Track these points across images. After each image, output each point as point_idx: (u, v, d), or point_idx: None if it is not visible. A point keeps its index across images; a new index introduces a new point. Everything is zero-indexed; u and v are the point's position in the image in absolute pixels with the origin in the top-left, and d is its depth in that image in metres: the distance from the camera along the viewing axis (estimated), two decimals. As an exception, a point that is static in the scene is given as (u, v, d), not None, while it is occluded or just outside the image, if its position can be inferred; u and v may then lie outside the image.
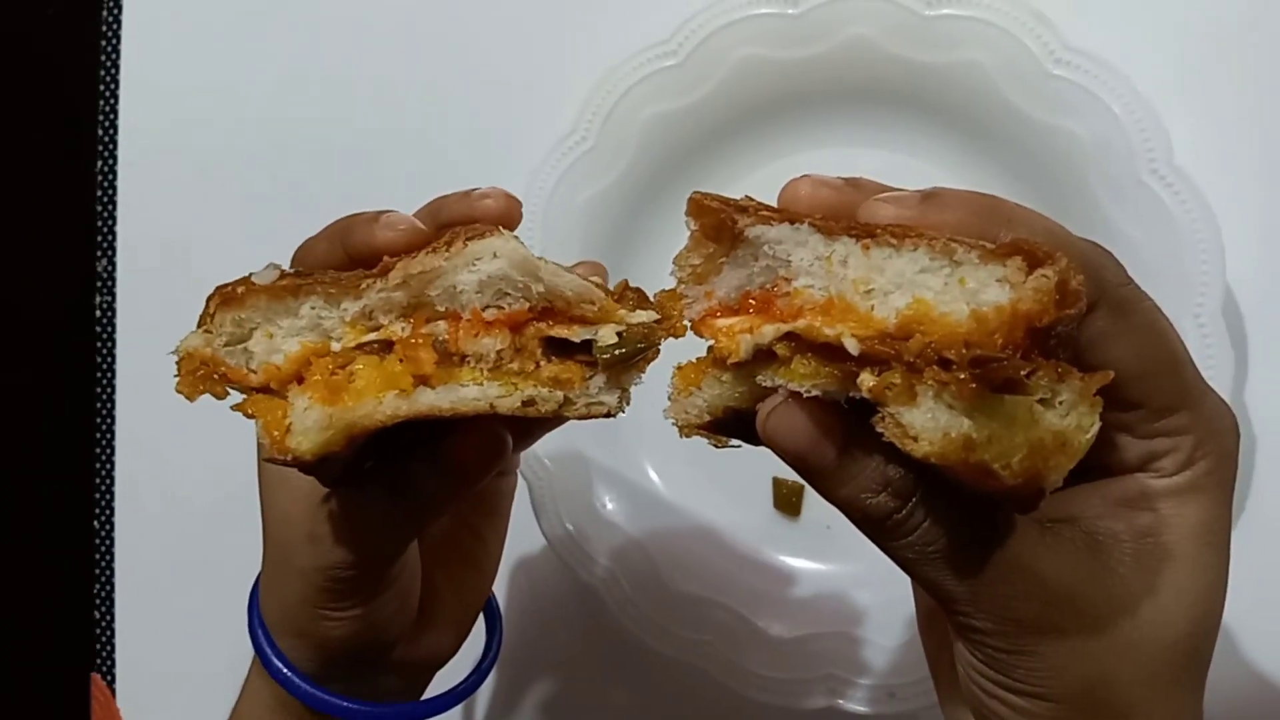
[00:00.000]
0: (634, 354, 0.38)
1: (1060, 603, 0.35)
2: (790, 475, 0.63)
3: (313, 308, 0.39)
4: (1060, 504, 0.37)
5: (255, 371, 0.38)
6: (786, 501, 0.62)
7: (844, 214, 0.36)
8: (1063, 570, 0.35)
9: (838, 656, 0.59)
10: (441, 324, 0.38)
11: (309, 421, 0.37)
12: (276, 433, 0.37)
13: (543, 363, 0.39)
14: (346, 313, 0.38)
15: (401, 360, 0.38)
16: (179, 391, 0.39)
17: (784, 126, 0.62)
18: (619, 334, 0.38)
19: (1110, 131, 0.55)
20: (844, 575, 0.61)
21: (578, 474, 0.61)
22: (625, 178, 0.61)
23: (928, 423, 0.31)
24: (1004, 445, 0.31)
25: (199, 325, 0.39)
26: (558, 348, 0.39)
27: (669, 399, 0.39)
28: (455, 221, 0.43)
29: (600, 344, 0.38)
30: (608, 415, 0.39)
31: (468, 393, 0.38)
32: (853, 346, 0.33)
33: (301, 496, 0.45)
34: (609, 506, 0.62)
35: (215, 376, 0.39)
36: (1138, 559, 0.35)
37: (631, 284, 0.40)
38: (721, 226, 0.37)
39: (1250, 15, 0.60)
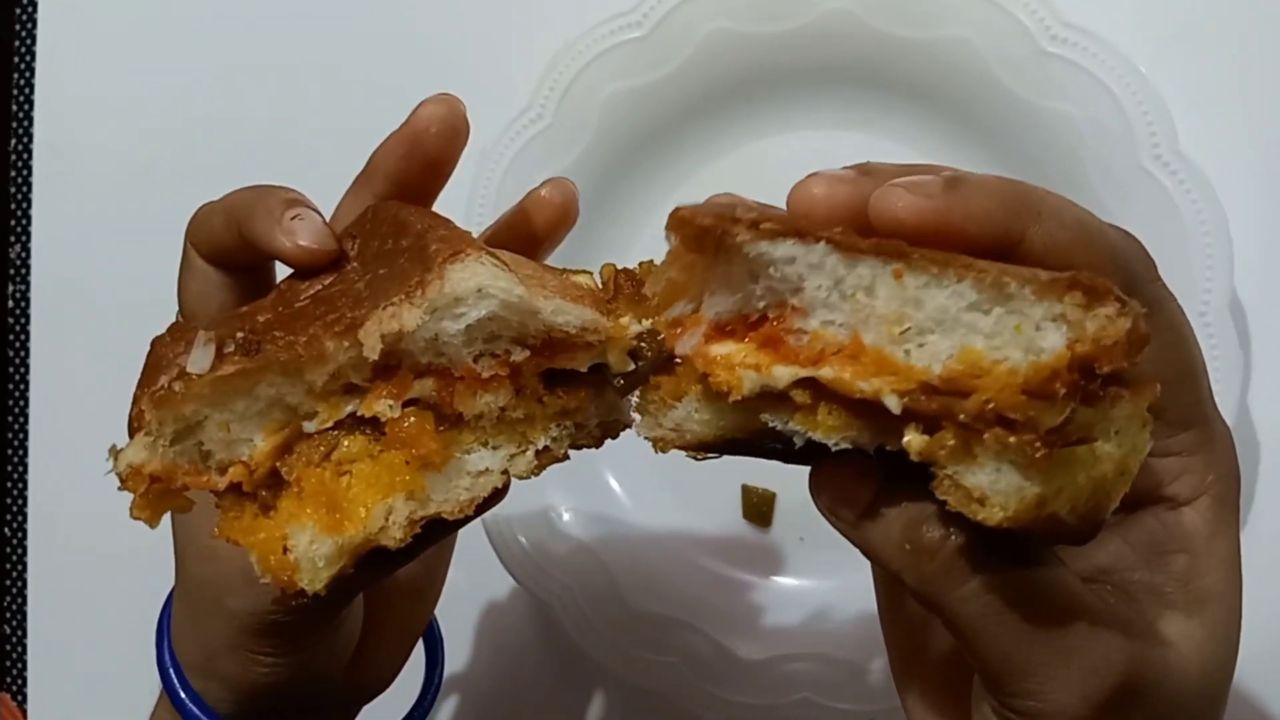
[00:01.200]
0: (651, 369, 0.34)
1: (1124, 686, 0.32)
2: (760, 483, 0.62)
3: (270, 385, 0.32)
4: (1085, 557, 0.34)
5: (220, 473, 0.33)
6: (756, 511, 0.60)
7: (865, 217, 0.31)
8: (1124, 649, 0.32)
9: (812, 679, 0.56)
10: (428, 382, 0.33)
11: (318, 556, 0.32)
12: (283, 572, 0.32)
13: (546, 398, 0.34)
14: (314, 383, 0.32)
15: (397, 445, 0.32)
16: (137, 517, 0.32)
17: (757, 107, 0.59)
18: (634, 356, 0.34)
19: (1109, 115, 0.52)
20: (819, 591, 0.59)
21: (532, 483, 0.58)
22: (585, 159, 0.57)
23: (996, 485, 0.28)
24: (1072, 492, 0.29)
25: (131, 428, 0.33)
26: (556, 375, 0.35)
27: (638, 412, 0.35)
28: (400, 174, 0.41)
29: (618, 370, 0.34)
30: (622, 430, 0.36)
31: (478, 464, 0.33)
32: (894, 405, 0.29)
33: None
34: (565, 518, 0.60)
35: (173, 489, 0.33)
36: (1184, 615, 0.34)
37: (594, 271, 0.36)
38: (706, 236, 0.32)
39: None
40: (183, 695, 0.43)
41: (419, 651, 0.50)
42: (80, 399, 0.71)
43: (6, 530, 0.72)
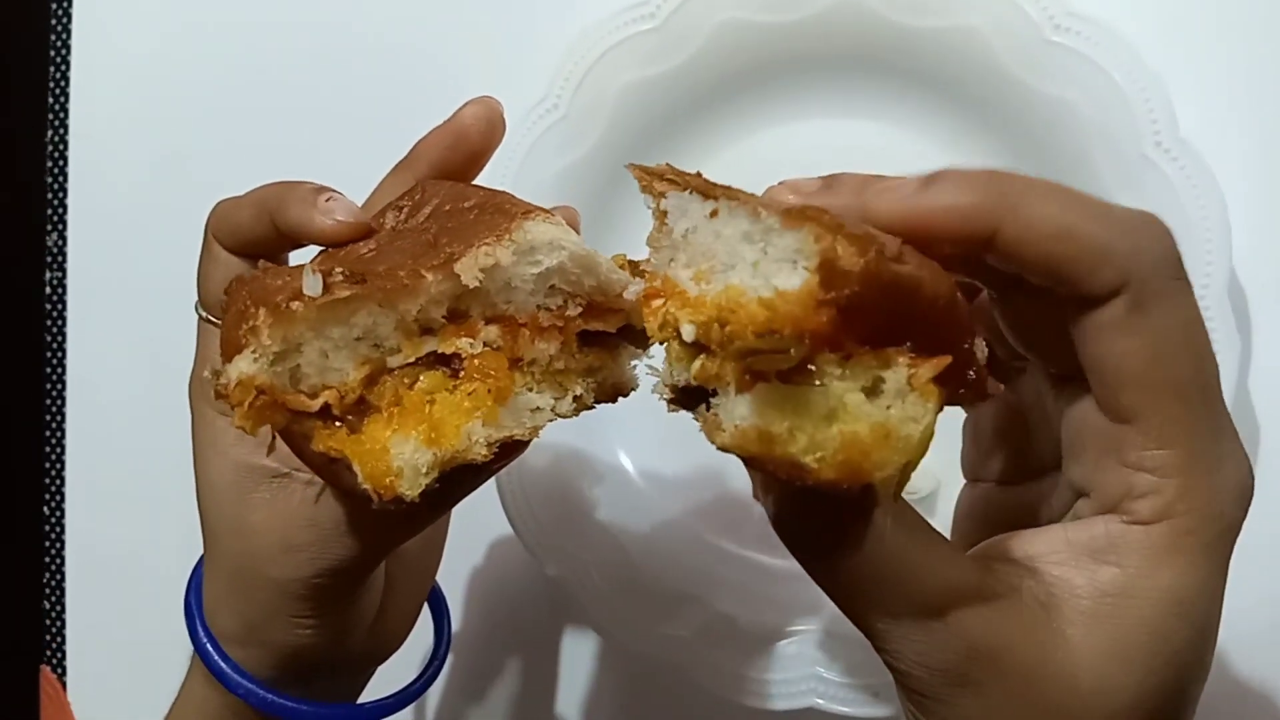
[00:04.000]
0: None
1: (981, 658, 0.31)
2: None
3: (369, 315, 0.35)
4: (1024, 542, 0.33)
5: (310, 397, 0.35)
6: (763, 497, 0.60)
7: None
8: (993, 625, 0.31)
9: (821, 655, 0.56)
10: (494, 329, 0.36)
11: (420, 463, 0.34)
12: (386, 478, 0.34)
13: (578, 354, 0.37)
14: (407, 314, 0.35)
15: (473, 379, 0.35)
16: (240, 425, 0.34)
17: (768, 95, 0.59)
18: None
19: (1113, 102, 0.52)
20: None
21: (548, 462, 0.59)
22: (600, 148, 0.58)
23: (727, 411, 0.30)
24: (812, 439, 0.29)
25: (231, 348, 0.35)
26: (586, 335, 0.37)
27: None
28: (443, 163, 0.44)
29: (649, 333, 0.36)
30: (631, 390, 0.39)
31: (533, 403, 0.36)
32: (689, 334, 0.31)
33: (263, 504, 0.43)
34: (581, 497, 0.60)
35: (275, 403, 0.35)
36: (1091, 619, 0.32)
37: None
38: (645, 191, 0.35)
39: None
40: (224, 666, 0.44)
41: (424, 626, 0.52)
42: (116, 382, 0.72)
43: (45, 509, 0.73)
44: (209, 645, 0.45)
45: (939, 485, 0.56)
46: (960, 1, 0.54)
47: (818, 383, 0.29)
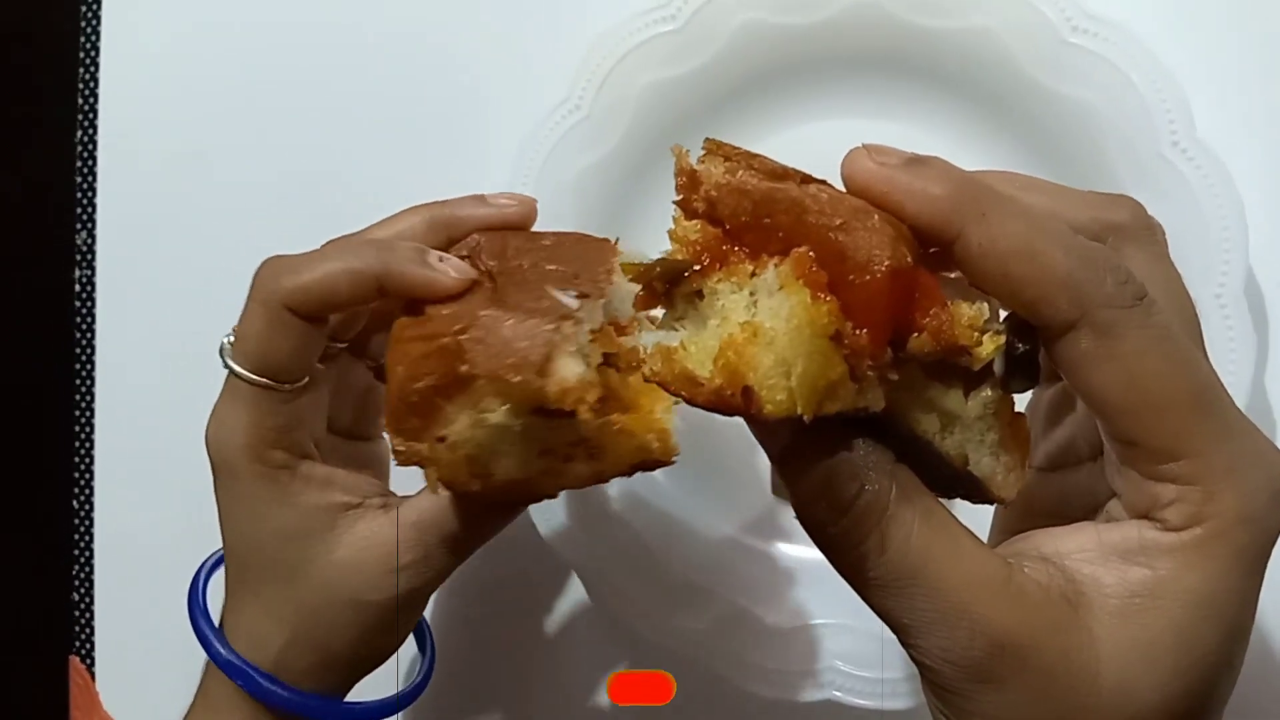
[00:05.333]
0: None
1: (1005, 655, 0.31)
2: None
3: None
4: (1055, 539, 0.34)
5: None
6: (784, 487, 0.60)
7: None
8: (1017, 621, 0.31)
9: (838, 648, 0.57)
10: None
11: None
12: (670, 440, 0.40)
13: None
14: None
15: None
16: (440, 482, 0.41)
17: (787, 96, 0.60)
18: None
19: (1130, 103, 0.53)
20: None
21: None
22: (622, 148, 0.59)
23: (646, 344, 0.31)
24: (701, 348, 0.30)
25: (435, 404, 0.39)
26: None
27: None
28: (471, 229, 0.46)
29: None
30: None
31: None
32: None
33: (350, 537, 0.46)
34: (603, 492, 0.60)
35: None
36: (1118, 618, 0.31)
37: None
38: None
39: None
40: (281, 689, 0.46)
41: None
42: (145, 380, 0.73)
43: (75, 503, 0.74)
44: (253, 672, 0.46)
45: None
46: (977, 3, 0.55)
47: (710, 299, 0.30)
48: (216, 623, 0.49)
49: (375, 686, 0.51)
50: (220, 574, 0.50)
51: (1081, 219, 0.35)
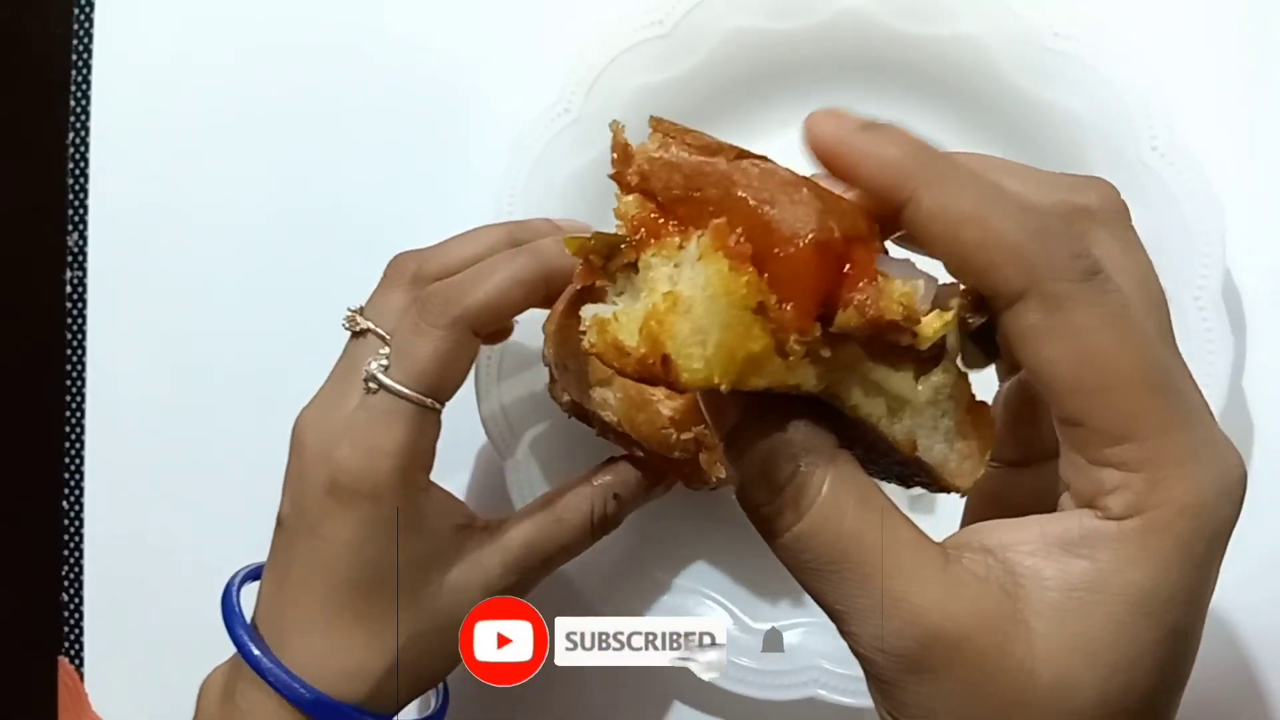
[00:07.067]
0: None
1: (937, 646, 0.30)
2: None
3: None
4: (1000, 530, 0.32)
5: None
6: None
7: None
8: (950, 613, 0.30)
9: (823, 647, 0.57)
10: None
11: None
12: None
13: None
14: None
15: None
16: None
17: (775, 100, 0.60)
18: None
19: (1110, 107, 0.54)
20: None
21: (552, 450, 0.60)
22: (610, 151, 0.59)
23: (585, 316, 0.32)
24: (629, 317, 0.30)
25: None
26: None
27: None
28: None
29: None
30: None
31: None
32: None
33: (460, 560, 0.48)
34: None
35: None
36: (1058, 612, 0.30)
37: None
38: None
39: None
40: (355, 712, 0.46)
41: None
42: (136, 381, 0.73)
43: (65, 503, 0.74)
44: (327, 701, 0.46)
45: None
46: (962, 9, 0.56)
47: (644, 271, 0.30)
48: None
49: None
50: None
51: (1048, 201, 0.34)
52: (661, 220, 0.31)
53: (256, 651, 0.47)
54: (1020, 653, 0.30)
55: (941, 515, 0.57)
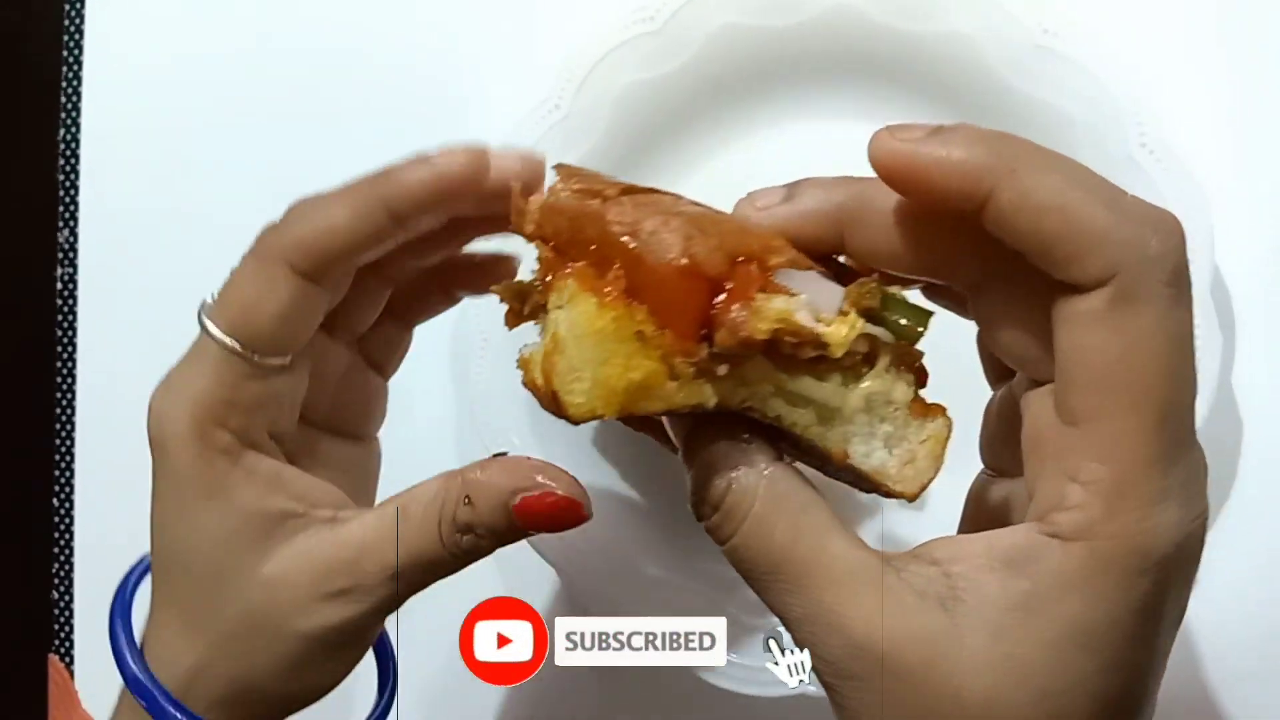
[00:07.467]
0: None
1: (865, 656, 0.31)
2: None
3: None
4: (951, 544, 0.33)
5: None
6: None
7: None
8: (879, 623, 0.31)
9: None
10: None
11: None
12: None
13: None
14: None
15: None
16: None
17: (765, 98, 0.60)
18: None
19: (1100, 105, 0.54)
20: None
21: (543, 449, 0.60)
22: (600, 148, 0.59)
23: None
24: (536, 360, 0.32)
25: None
26: None
27: None
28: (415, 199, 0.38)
29: None
30: None
31: None
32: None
33: (284, 552, 0.38)
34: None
35: None
36: (995, 631, 0.30)
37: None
38: None
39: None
40: None
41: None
42: (127, 380, 0.71)
43: (55, 501, 0.74)
44: (175, 709, 0.40)
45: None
46: (952, 7, 0.56)
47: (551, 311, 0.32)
48: (140, 634, 0.42)
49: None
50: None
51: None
52: (557, 263, 0.32)
53: (115, 624, 0.43)
54: (948, 669, 0.30)
55: (932, 513, 0.57)
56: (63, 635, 0.74)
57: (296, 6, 0.69)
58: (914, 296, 0.35)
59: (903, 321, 0.33)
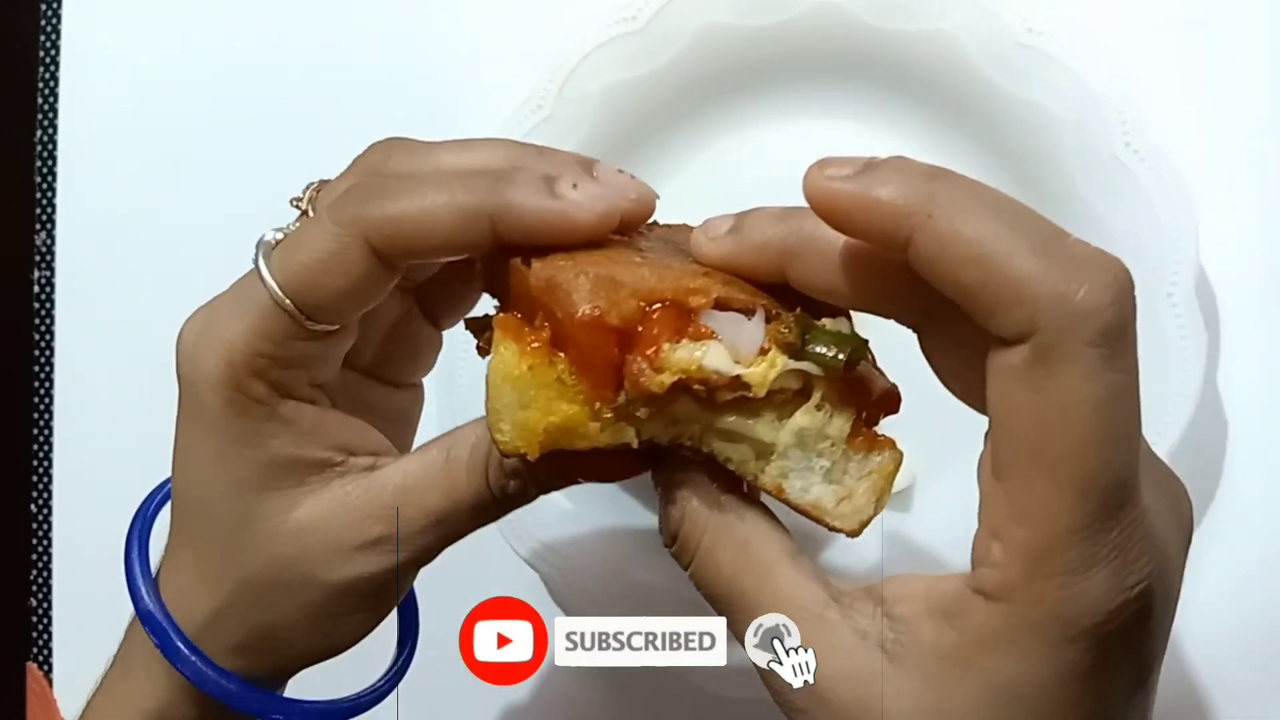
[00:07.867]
0: None
1: (805, 691, 0.32)
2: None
3: None
4: (901, 584, 0.32)
5: None
6: None
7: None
8: (819, 661, 0.31)
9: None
10: None
11: None
12: None
13: None
14: None
15: None
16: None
17: (749, 97, 0.60)
18: None
19: (1084, 104, 0.53)
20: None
21: None
22: (583, 147, 0.58)
23: None
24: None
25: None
26: None
27: None
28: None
29: None
30: None
31: None
32: None
33: (315, 500, 0.37)
34: (564, 501, 0.60)
35: None
36: (925, 678, 0.29)
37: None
38: None
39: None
40: (202, 667, 0.39)
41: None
42: (105, 383, 0.72)
43: (33, 507, 0.73)
44: (198, 659, 0.39)
45: (914, 480, 0.57)
46: (936, 6, 0.56)
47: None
48: (156, 568, 0.41)
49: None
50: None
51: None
52: (499, 311, 0.35)
53: (132, 554, 0.42)
54: (879, 711, 0.30)
55: (919, 512, 0.57)
56: (41, 643, 0.73)
57: (275, 7, 0.69)
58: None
59: (827, 353, 0.32)
